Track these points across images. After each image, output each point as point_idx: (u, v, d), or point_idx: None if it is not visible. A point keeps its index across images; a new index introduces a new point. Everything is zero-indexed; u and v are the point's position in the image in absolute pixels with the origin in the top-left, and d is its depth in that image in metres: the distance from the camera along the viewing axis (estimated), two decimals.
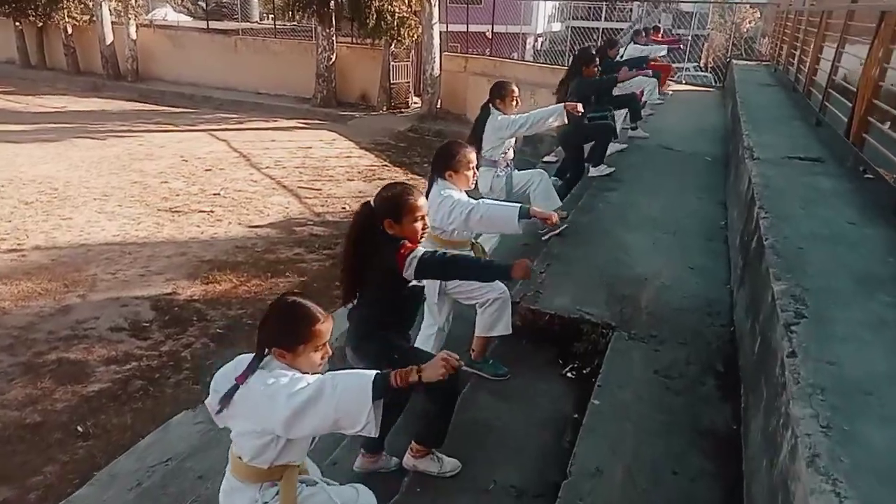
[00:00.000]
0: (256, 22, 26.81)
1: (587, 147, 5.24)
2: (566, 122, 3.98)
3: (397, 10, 16.14)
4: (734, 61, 11.36)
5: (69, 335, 6.04)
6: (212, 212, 9.57)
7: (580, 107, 3.94)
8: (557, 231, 4.13)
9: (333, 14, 16.95)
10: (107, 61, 20.83)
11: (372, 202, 2.22)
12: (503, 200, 4.23)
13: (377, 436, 1.82)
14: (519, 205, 2.70)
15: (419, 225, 2.17)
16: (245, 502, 1.76)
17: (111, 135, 14.36)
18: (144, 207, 9.60)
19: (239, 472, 1.76)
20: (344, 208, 10.25)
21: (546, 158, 7.62)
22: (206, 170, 11.94)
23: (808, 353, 1.59)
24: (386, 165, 13.41)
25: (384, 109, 17.90)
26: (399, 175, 12.56)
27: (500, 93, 4.00)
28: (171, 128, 15.66)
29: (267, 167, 12.42)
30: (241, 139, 14.78)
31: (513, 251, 4.53)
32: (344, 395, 1.60)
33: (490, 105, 4.06)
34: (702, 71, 18.33)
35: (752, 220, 2.83)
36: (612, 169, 5.33)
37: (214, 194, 10.44)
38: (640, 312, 2.90)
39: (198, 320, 6.46)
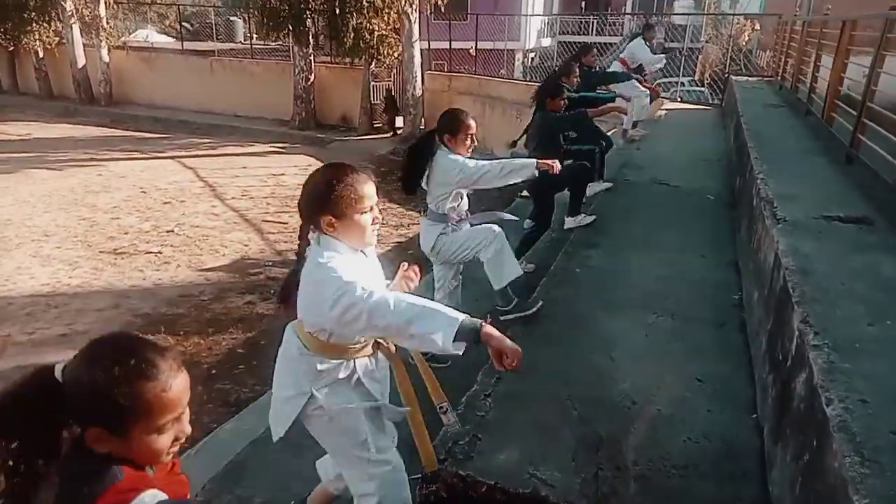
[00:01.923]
0: (240, 42, 26.05)
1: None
2: (532, 177, 3.05)
3: (376, 27, 15.34)
4: (733, 77, 10.49)
5: None
6: (160, 253, 8.63)
7: (557, 165, 3.02)
8: (532, 311, 3.17)
9: (310, 33, 16.14)
10: (79, 85, 20.03)
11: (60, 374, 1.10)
12: (448, 263, 3.31)
13: None
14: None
15: (161, 442, 1.13)
16: None
17: (70, 164, 13.47)
18: (86, 249, 8.65)
19: None
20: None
21: (525, 193, 6.67)
22: (165, 203, 11.03)
23: None
24: None
25: (365, 132, 17.07)
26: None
27: (451, 126, 3.04)
28: (137, 155, 14.79)
29: (232, 198, 11.53)
30: (211, 167, 13.90)
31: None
32: None
33: (437, 138, 3.11)
34: (697, 86, 17.49)
35: (788, 328, 1.90)
36: (593, 218, 4.37)
37: (168, 231, 9.52)
38: (625, 477, 1.91)
39: None
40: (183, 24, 25.29)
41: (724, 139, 7.70)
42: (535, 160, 3.05)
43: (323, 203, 1.69)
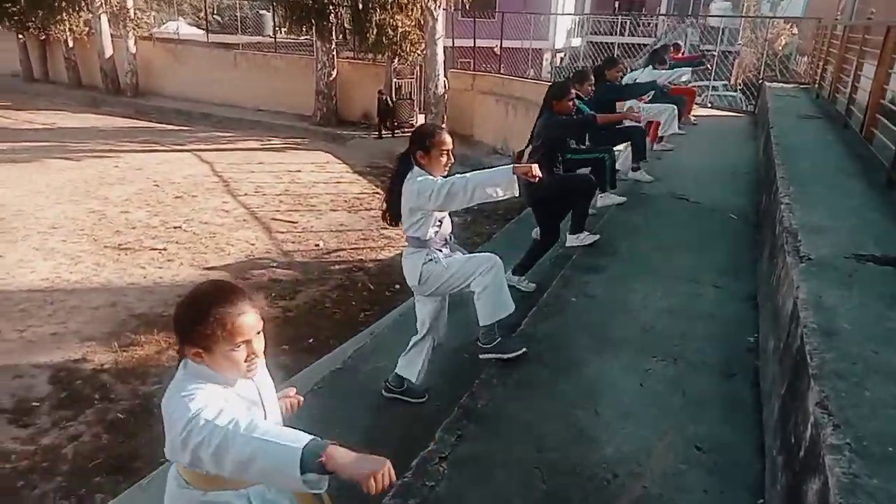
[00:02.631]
0: (268, 36, 26.09)
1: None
2: (517, 194, 2.66)
3: (399, 23, 15.05)
4: (767, 83, 9.94)
5: None
6: (164, 249, 8.48)
7: (536, 170, 2.62)
8: (512, 355, 2.79)
9: (333, 28, 15.92)
10: (106, 75, 20.17)
11: None
12: (435, 296, 2.96)
13: None
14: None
15: None
16: None
17: (89, 155, 13.48)
18: (91, 243, 8.54)
19: None
20: (317, 245, 9.10)
21: None
22: (177, 197, 10.92)
23: None
24: (377, 193, 12.23)
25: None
26: None
27: (422, 142, 2.72)
28: (156, 147, 14.76)
29: (245, 194, 11.37)
30: (228, 161, 13.80)
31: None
32: None
33: (410, 157, 2.78)
34: (731, 90, 16.86)
35: (802, 408, 1.54)
36: (597, 237, 3.97)
37: (175, 227, 9.37)
38: None
39: (99, 399, 5.34)
40: (214, 16, 25.40)
41: (754, 150, 7.22)
42: (510, 166, 2.67)
43: (187, 334, 1.41)
